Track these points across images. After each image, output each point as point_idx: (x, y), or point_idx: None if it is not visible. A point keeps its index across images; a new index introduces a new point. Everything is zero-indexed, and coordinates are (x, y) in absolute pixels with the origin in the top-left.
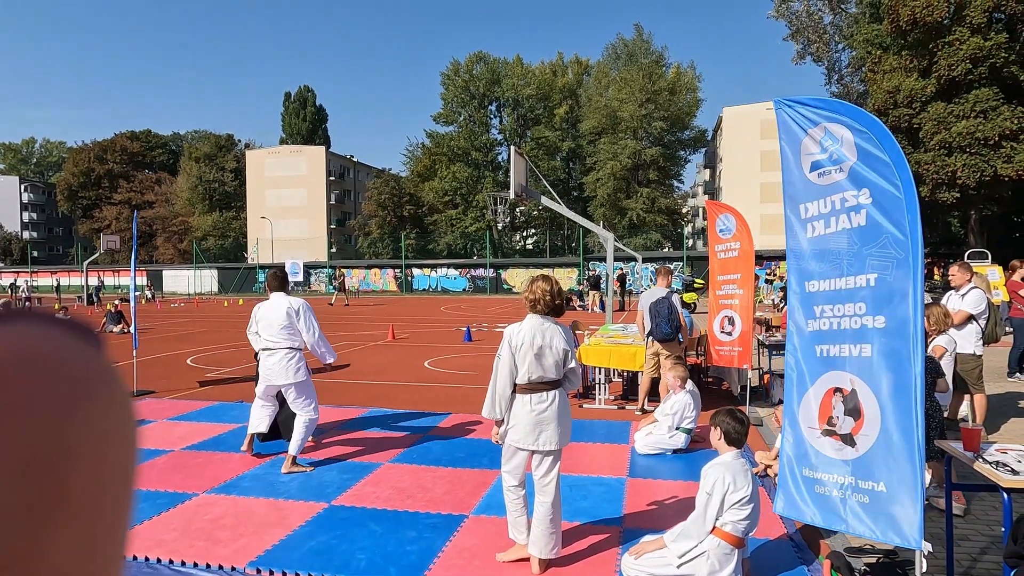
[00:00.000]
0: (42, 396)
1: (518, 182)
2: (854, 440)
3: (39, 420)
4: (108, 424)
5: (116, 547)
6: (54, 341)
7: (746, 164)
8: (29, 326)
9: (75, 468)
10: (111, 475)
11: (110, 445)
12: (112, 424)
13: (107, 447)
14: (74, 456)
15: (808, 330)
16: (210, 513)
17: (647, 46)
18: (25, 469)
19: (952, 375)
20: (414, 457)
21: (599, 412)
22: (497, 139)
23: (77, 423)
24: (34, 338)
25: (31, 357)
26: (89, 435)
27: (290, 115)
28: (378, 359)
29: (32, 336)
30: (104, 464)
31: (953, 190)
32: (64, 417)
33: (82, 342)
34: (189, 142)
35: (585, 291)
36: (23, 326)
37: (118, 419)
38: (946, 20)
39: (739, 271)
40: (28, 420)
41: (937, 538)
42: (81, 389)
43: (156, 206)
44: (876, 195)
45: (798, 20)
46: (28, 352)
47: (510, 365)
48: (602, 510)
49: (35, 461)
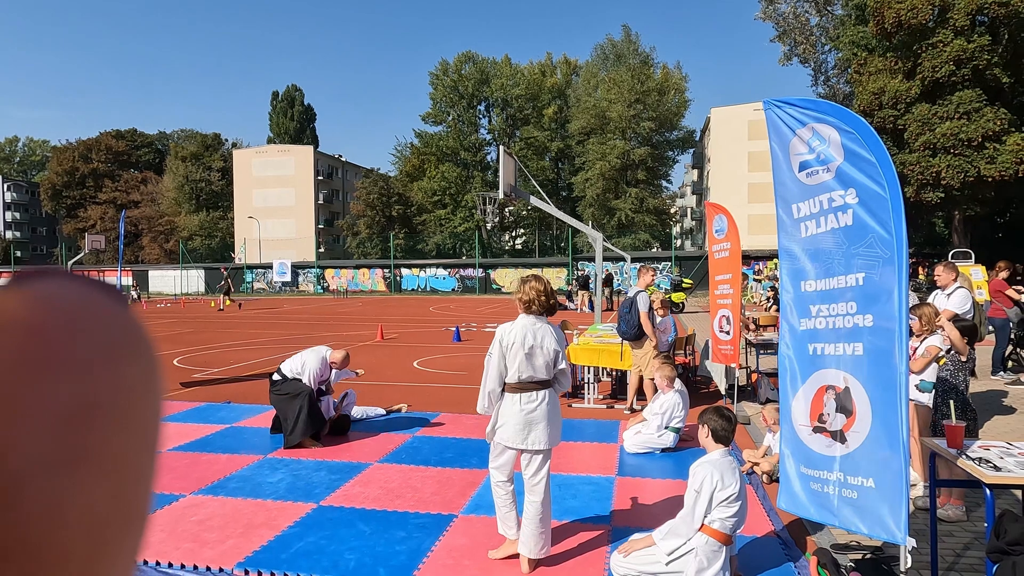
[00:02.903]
0: (79, 350)
1: (507, 182)
2: (845, 437)
3: (77, 373)
4: (140, 379)
5: (144, 499)
6: (87, 298)
7: (734, 164)
8: (62, 283)
9: (111, 421)
10: (142, 429)
11: (142, 400)
12: (144, 380)
13: (139, 402)
14: (109, 409)
15: (801, 329)
16: (197, 514)
17: (635, 47)
18: (66, 419)
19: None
20: (403, 457)
21: (588, 411)
22: (486, 139)
23: (113, 377)
24: (68, 295)
25: (68, 312)
26: (123, 389)
27: (277, 114)
28: (367, 359)
29: (66, 293)
30: (136, 418)
31: (937, 190)
32: (100, 371)
33: (113, 300)
34: (175, 141)
35: (574, 291)
36: (57, 283)
37: (149, 375)
38: (930, 22)
39: (730, 271)
40: (66, 373)
41: (922, 534)
42: (115, 345)
43: (142, 206)
44: (862, 195)
45: (785, 22)
46: (64, 308)
47: (499, 364)
48: (591, 509)
49: (75, 412)
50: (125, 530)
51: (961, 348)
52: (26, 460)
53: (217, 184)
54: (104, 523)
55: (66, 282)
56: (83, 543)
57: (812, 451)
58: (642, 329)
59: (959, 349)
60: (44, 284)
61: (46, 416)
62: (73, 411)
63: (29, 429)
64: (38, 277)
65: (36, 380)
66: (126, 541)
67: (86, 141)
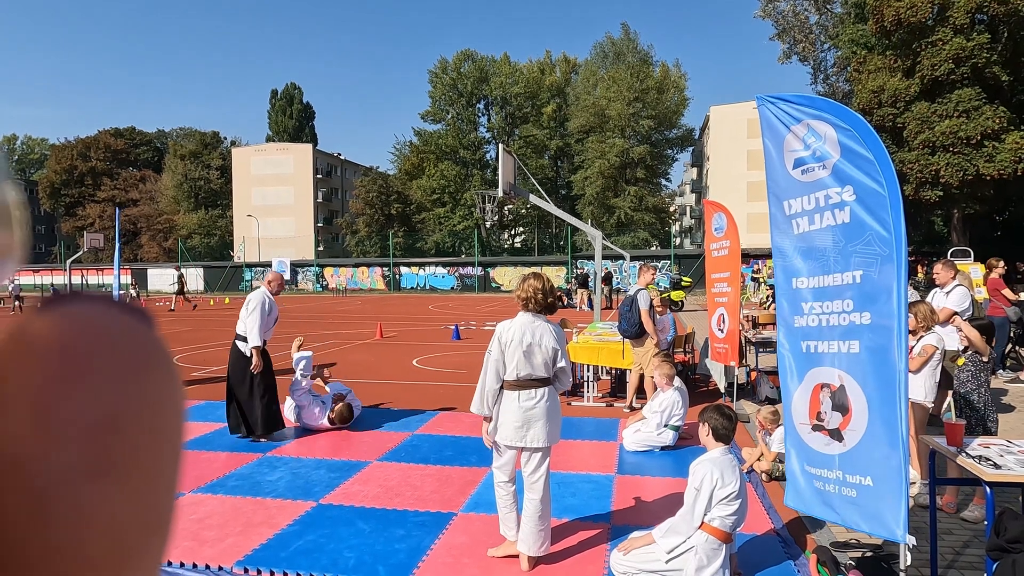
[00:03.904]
0: (106, 366)
1: (506, 180)
2: (842, 435)
3: (103, 388)
4: (165, 394)
5: (168, 508)
6: (116, 317)
7: (733, 163)
8: (92, 304)
9: (135, 432)
10: (167, 441)
11: (167, 413)
12: (167, 393)
13: (163, 414)
14: (134, 421)
15: (795, 326)
16: (196, 512)
17: (634, 45)
18: (92, 431)
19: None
20: (402, 455)
21: (587, 410)
22: (485, 137)
23: (137, 392)
24: (98, 314)
25: (96, 332)
26: (148, 403)
27: (276, 112)
28: (366, 357)
29: (96, 312)
30: (161, 431)
31: (936, 189)
32: (126, 386)
33: (138, 320)
34: (174, 139)
35: (573, 289)
36: (87, 304)
37: (173, 390)
38: (929, 21)
39: (728, 269)
40: (93, 388)
41: (921, 532)
42: (143, 360)
43: (141, 204)
44: (860, 192)
45: (784, 20)
46: (96, 325)
47: (498, 362)
48: (591, 507)
49: (101, 424)
50: (149, 539)
51: (982, 348)
52: (54, 470)
53: (216, 182)
54: (129, 531)
55: (95, 304)
56: (108, 551)
57: (813, 449)
58: (643, 327)
59: (980, 349)
60: (73, 306)
61: (74, 428)
62: (99, 423)
63: (57, 440)
64: (68, 300)
65: (66, 395)
66: (150, 550)
67: (85, 139)
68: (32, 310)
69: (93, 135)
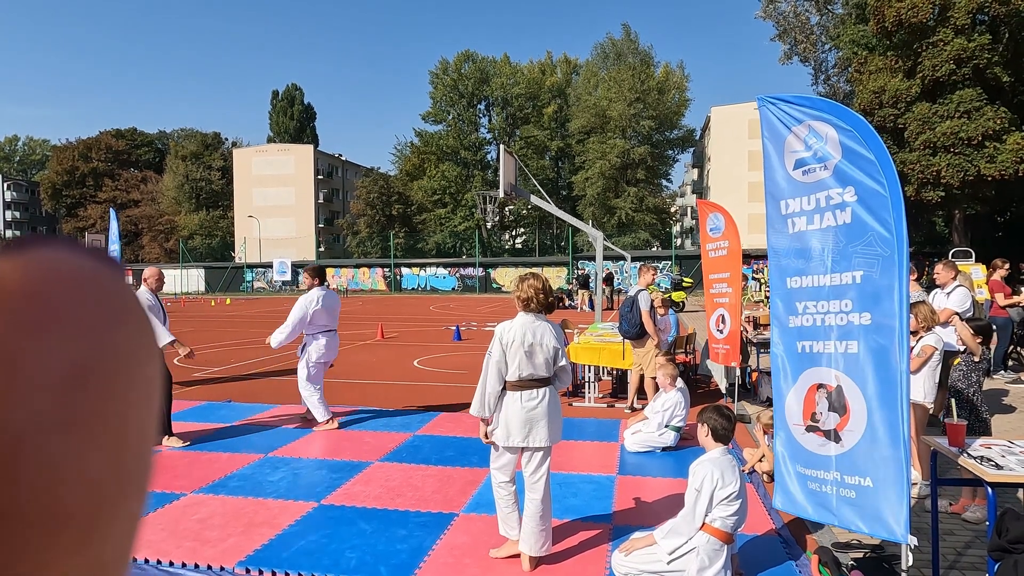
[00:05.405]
0: (75, 315)
1: (507, 181)
2: (839, 436)
3: (72, 337)
4: (134, 344)
5: (142, 461)
6: (85, 263)
7: (734, 163)
8: (59, 250)
9: (106, 383)
10: (137, 392)
11: (136, 364)
12: (138, 344)
13: (134, 365)
14: (105, 372)
15: (790, 326)
16: (198, 513)
17: (635, 45)
18: (63, 381)
19: (939, 372)
20: (404, 456)
21: (588, 410)
22: (486, 138)
23: (108, 341)
24: (67, 260)
25: (64, 278)
26: (118, 353)
27: (277, 113)
28: (367, 358)
29: (62, 259)
30: (131, 381)
31: (937, 189)
32: (96, 335)
33: (107, 267)
34: (175, 140)
35: (574, 290)
36: (53, 250)
37: (143, 340)
38: (930, 21)
39: (728, 269)
40: (62, 336)
41: (923, 532)
42: (114, 308)
43: (142, 205)
44: (861, 193)
45: (785, 21)
46: (60, 273)
47: (500, 363)
48: (592, 507)
49: (71, 374)
50: (124, 491)
51: (974, 348)
52: (25, 420)
53: (217, 183)
54: (103, 483)
55: (62, 249)
56: (83, 502)
57: (808, 451)
58: (644, 328)
59: (972, 349)
60: (41, 251)
61: (44, 377)
62: (70, 373)
63: (27, 389)
64: (35, 244)
65: (34, 342)
66: (125, 503)
67: (86, 140)
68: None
69: (94, 136)
